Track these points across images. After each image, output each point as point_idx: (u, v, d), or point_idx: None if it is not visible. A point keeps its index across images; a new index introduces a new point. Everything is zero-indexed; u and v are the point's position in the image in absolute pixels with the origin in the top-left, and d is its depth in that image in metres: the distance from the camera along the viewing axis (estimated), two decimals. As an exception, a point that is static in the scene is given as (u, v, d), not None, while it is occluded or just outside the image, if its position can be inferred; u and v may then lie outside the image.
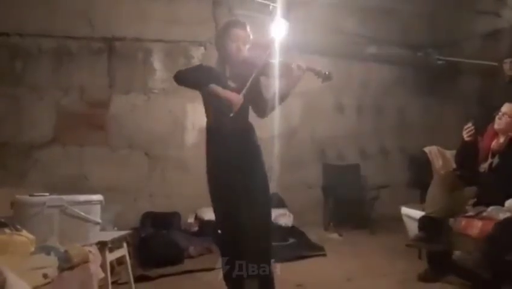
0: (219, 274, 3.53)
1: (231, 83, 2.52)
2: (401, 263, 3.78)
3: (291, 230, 4.69)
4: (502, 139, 3.28)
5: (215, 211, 2.60)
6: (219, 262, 2.48)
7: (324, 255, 4.18)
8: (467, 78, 5.57)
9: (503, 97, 3.55)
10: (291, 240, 4.54)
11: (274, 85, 2.58)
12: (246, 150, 2.58)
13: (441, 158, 3.89)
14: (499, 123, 3.28)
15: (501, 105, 3.33)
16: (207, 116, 2.62)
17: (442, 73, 5.71)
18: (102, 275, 2.52)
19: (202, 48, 5.26)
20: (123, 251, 3.06)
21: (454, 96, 5.74)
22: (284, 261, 3.63)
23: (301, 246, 4.39)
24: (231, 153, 2.52)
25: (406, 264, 3.73)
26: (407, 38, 5.69)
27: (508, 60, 3.93)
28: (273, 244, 2.70)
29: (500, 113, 3.28)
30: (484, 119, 3.53)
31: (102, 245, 2.70)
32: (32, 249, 2.23)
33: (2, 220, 2.24)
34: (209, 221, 4.52)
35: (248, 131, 2.61)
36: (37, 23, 4.73)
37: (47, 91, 4.81)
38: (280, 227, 4.52)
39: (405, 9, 5.44)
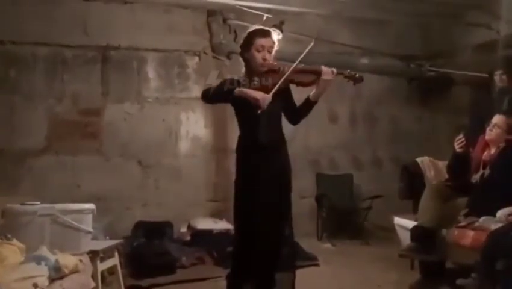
0: (212, 285, 3.53)
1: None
2: (394, 273, 3.77)
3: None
4: (493, 150, 3.31)
5: (236, 219, 2.58)
6: (212, 273, 2.47)
7: (317, 265, 4.17)
8: (459, 89, 5.62)
9: (494, 108, 3.59)
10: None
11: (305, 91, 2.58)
12: (278, 161, 2.57)
13: (433, 168, 3.91)
14: (489, 134, 3.32)
15: (492, 117, 3.36)
16: (241, 131, 2.61)
17: (434, 84, 5.75)
18: (93, 285, 2.50)
19: (197, 57, 5.28)
20: (114, 260, 3.04)
21: (446, 107, 5.78)
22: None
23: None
24: (263, 164, 2.50)
25: (399, 274, 3.73)
26: (400, 49, 5.74)
27: (498, 72, 3.97)
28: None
29: (491, 124, 3.32)
30: (475, 130, 3.57)
31: (93, 255, 2.69)
32: (23, 258, 2.21)
33: (-8, 229, 2.23)
34: (202, 231, 4.51)
35: (280, 143, 2.62)
36: (32, 31, 4.72)
37: (41, 99, 4.79)
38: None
39: (398, 20, 5.51)
